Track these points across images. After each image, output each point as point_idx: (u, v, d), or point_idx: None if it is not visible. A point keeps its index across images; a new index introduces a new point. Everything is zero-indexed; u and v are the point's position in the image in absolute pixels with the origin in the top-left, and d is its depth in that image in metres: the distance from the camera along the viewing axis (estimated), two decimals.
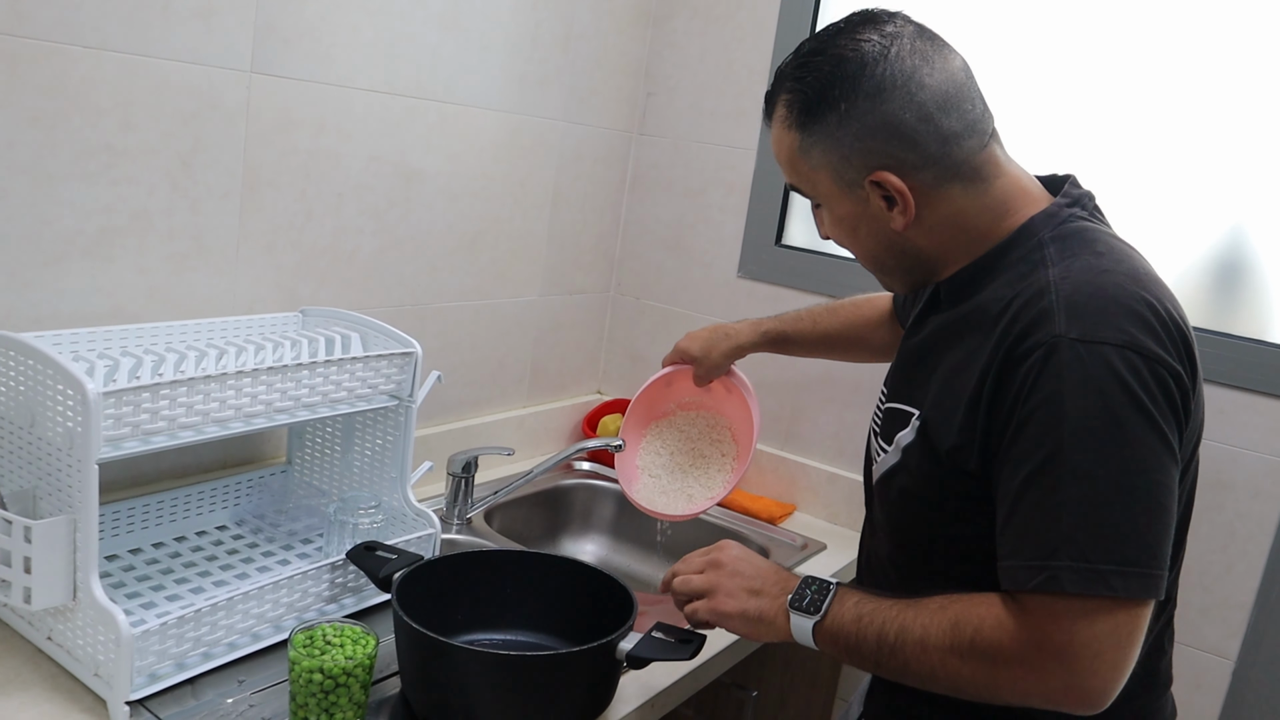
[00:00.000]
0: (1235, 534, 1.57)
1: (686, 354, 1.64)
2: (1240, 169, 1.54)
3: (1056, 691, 0.89)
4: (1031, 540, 0.89)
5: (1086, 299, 0.92)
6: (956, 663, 0.93)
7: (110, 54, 1.21)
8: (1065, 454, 0.88)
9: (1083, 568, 0.86)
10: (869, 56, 0.99)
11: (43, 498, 1.07)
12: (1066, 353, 0.90)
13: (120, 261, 1.28)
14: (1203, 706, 1.61)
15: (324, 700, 0.99)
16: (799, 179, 1.09)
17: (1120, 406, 0.88)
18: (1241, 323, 1.56)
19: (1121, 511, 0.87)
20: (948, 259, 1.07)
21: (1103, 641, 0.87)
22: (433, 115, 1.62)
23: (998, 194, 1.04)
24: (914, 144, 0.99)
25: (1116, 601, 0.87)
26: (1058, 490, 0.88)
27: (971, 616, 0.93)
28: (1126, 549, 0.87)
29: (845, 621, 1.00)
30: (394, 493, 1.39)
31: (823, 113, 1.01)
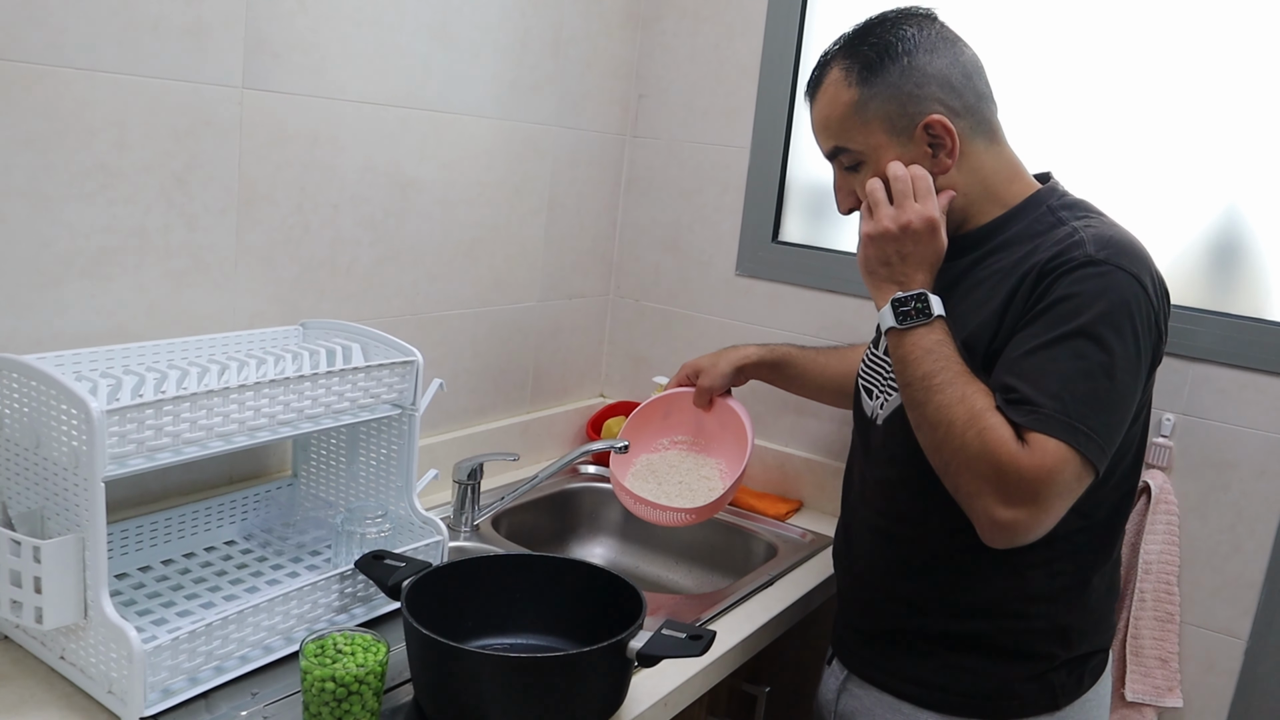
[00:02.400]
0: (1242, 513, 1.57)
1: (692, 369, 1.69)
2: (1234, 149, 1.54)
3: (1014, 515, 1.06)
4: (1034, 382, 1.07)
5: (1110, 239, 1.12)
6: (960, 436, 1.08)
7: (102, 74, 1.21)
8: (1073, 336, 1.07)
9: (1064, 420, 1.05)
10: (923, 25, 1.20)
11: (51, 518, 1.08)
12: (1092, 268, 1.09)
13: (119, 280, 1.29)
14: (1216, 686, 1.60)
15: (337, 709, 0.99)
16: (848, 135, 1.21)
17: (1123, 317, 1.08)
18: (1241, 302, 1.57)
19: (1097, 390, 1.07)
20: (969, 212, 1.23)
21: (1066, 485, 1.06)
22: (425, 124, 1.63)
23: (1008, 159, 1.25)
24: (959, 94, 1.19)
25: (1080, 458, 1.06)
26: (1061, 358, 1.07)
27: (992, 419, 1.07)
28: (1096, 420, 1.06)
29: (918, 345, 1.14)
30: (400, 502, 1.40)
31: (886, 66, 1.18)
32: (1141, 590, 1.59)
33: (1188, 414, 1.59)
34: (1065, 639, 1.21)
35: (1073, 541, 1.18)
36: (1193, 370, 1.58)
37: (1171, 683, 1.60)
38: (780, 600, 1.52)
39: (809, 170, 1.92)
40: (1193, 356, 1.58)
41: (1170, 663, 1.60)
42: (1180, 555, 1.60)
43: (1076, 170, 1.63)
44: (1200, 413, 1.58)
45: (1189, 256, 1.60)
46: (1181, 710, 1.63)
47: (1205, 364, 1.57)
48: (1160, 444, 1.60)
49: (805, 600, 1.56)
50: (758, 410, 2.00)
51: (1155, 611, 1.59)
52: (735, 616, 1.46)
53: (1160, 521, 1.59)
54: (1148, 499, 1.59)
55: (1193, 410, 1.59)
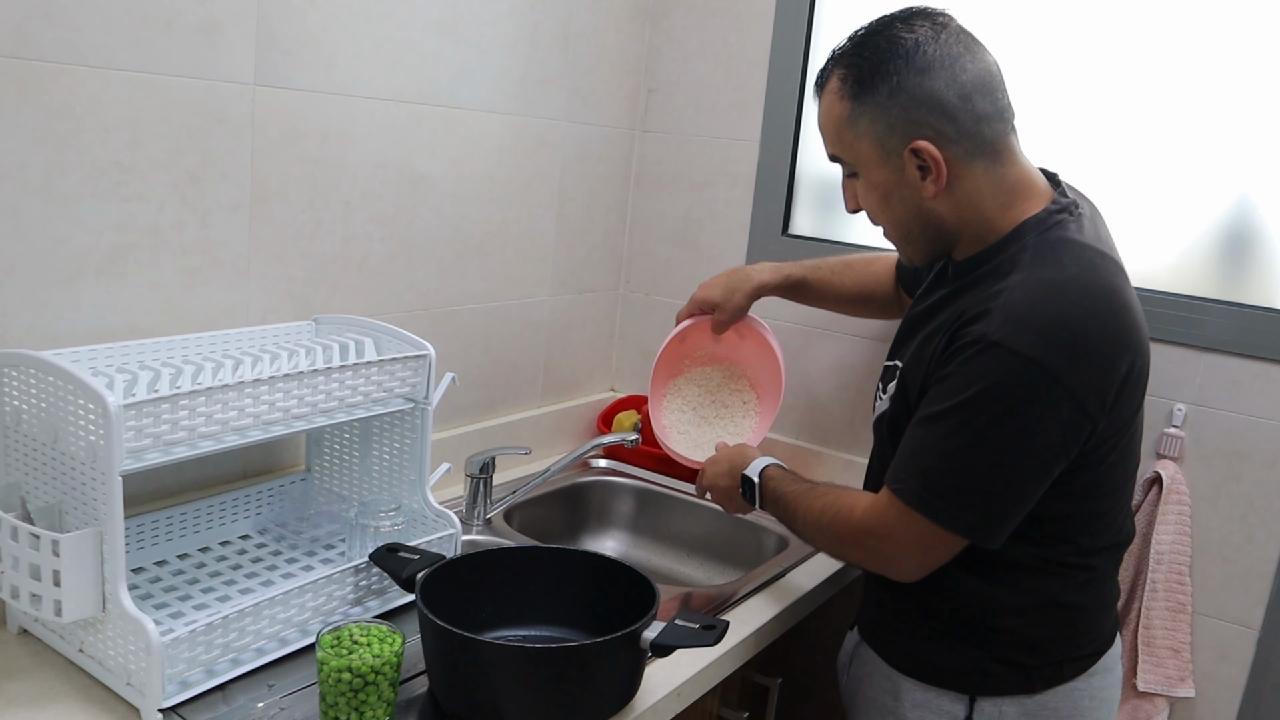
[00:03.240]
0: (1254, 504, 1.57)
1: (707, 302, 1.66)
2: (1246, 138, 1.54)
3: (870, 561, 1.24)
4: (906, 459, 1.17)
5: (1022, 310, 1.10)
6: (820, 533, 1.28)
7: (116, 72, 1.22)
8: (948, 416, 1.12)
9: (921, 493, 1.14)
10: (922, 40, 1.14)
11: (69, 512, 1.09)
12: (983, 350, 1.10)
13: (134, 277, 1.30)
14: (1228, 676, 1.60)
15: (354, 699, 1.00)
16: (842, 147, 1.22)
17: (998, 402, 1.09)
18: (1252, 291, 1.56)
19: (966, 471, 1.12)
20: (963, 235, 1.22)
21: (908, 544, 1.17)
22: (436, 120, 1.63)
23: (1011, 181, 1.19)
24: (952, 119, 1.14)
25: (930, 524, 1.14)
26: (933, 436, 1.14)
27: (832, 505, 1.26)
28: (956, 496, 1.13)
29: (769, 502, 1.38)
30: (414, 495, 1.41)
31: (876, 85, 1.15)
32: (1153, 580, 1.59)
33: (1199, 404, 1.59)
34: (1035, 650, 1.22)
35: (1037, 568, 1.20)
36: (1204, 360, 1.58)
37: (1184, 672, 1.60)
38: (792, 592, 1.53)
39: (819, 163, 1.92)
40: (1204, 346, 1.57)
41: (1182, 652, 1.60)
42: (1192, 545, 1.60)
43: (1090, 161, 1.64)
44: (1212, 403, 1.58)
45: (1201, 246, 1.60)
46: (1194, 700, 1.63)
47: (1217, 354, 1.57)
48: (1172, 434, 1.60)
49: (816, 593, 1.57)
50: None
51: (1167, 601, 1.59)
52: (747, 608, 1.47)
53: (1172, 512, 1.58)
54: (1159, 489, 1.59)
55: (1204, 400, 1.58)
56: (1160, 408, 1.60)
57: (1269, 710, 1.58)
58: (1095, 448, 1.14)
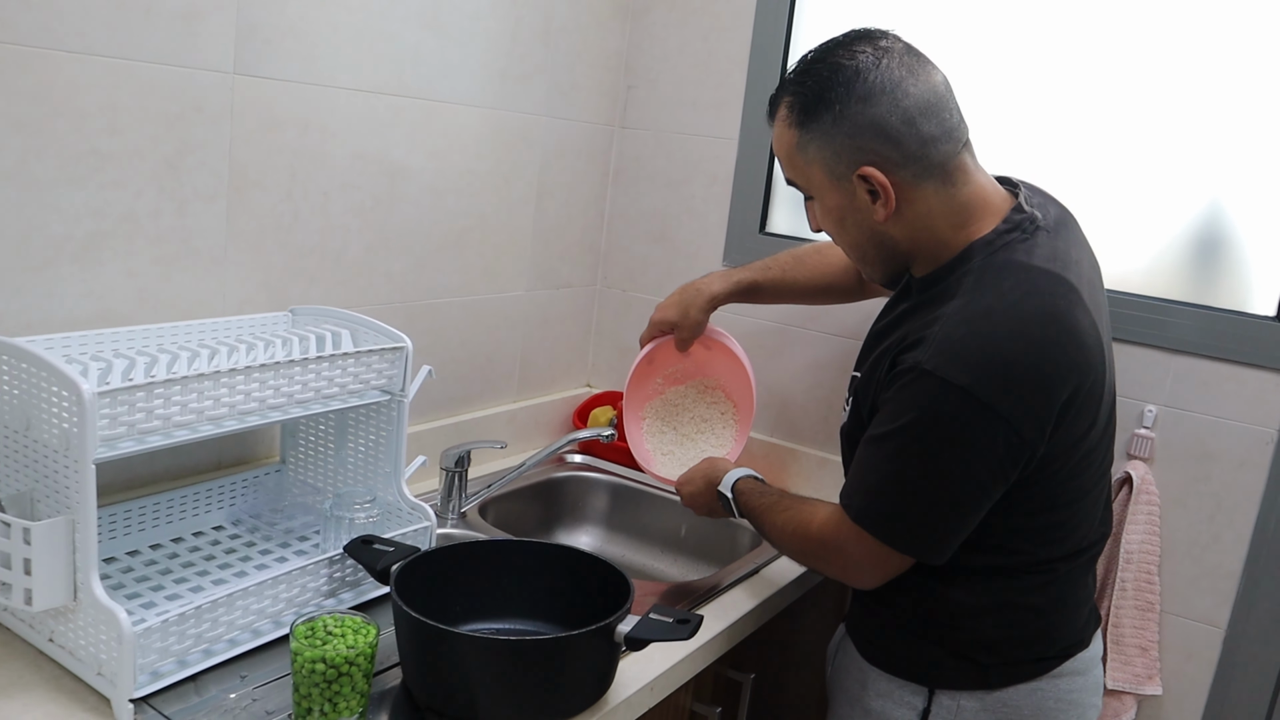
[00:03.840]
0: (1222, 504, 1.59)
1: (665, 323, 1.69)
2: (1217, 144, 1.56)
3: (830, 571, 1.27)
4: (856, 477, 1.21)
5: (956, 340, 1.11)
6: (786, 544, 1.34)
7: (94, 58, 1.21)
8: (888, 440, 1.15)
9: (868, 512, 1.18)
10: (863, 66, 1.14)
11: (41, 500, 1.08)
12: (916, 379, 1.12)
13: (109, 265, 1.29)
14: (1194, 675, 1.63)
15: (327, 690, 1.00)
16: (795, 173, 1.24)
17: (932, 430, 1.12)
18: (1222, 295, 1.59)
19: (907, 494, 1.15)
20: (917, 255, 1.23)
21: (861, 560, 1.21)
22: (416, 112, 1.63)
23: (963, 200, 1.19)
24: (897, 144, 1.14)
25: (878, 542, 1.17)
26: (877, 457, 1.17)
27: (793, 519, 1.31)
28: (899, 517, 1.17)
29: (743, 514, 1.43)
30: (388, 487, 1.40)
31: (819, 113, 1.16)
32: (1122, 580, 1.61)
33: (1170, 406, 1.61)
34: (992, 650, 1.23)
35: (993, 573, 1.21)
36: (1174, 362, 1.60)
37: (1151, 671, 1.62)
38: (765, 588, 1.54)
39: None
40: (1174, 349, 1.59)
41: (1150, 651, 1.62)
42: (1161, 545, 1.62)
43: (1064, 166, 1.65)
44: (1182, 404, 1.60)
45: (1173, 250, 1.62)
46: (1161, 698, 1.65)
47: (1187, 356, 1.59)
48: (1142, 435, 1.62)
49: (790, 589, 1.57)
50: None
51: (1136, 601, 1.61)
52: (721, 603, 1.48)
53: (1142, 512, 1.60)
54: (1130, 490, 1.61)
55: (1175, 402, 1.60)
56: (1131, 409, 1.62)
57: (1234, 708, 1.60)
58: (1045, 465, 1.14)
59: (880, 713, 1.29)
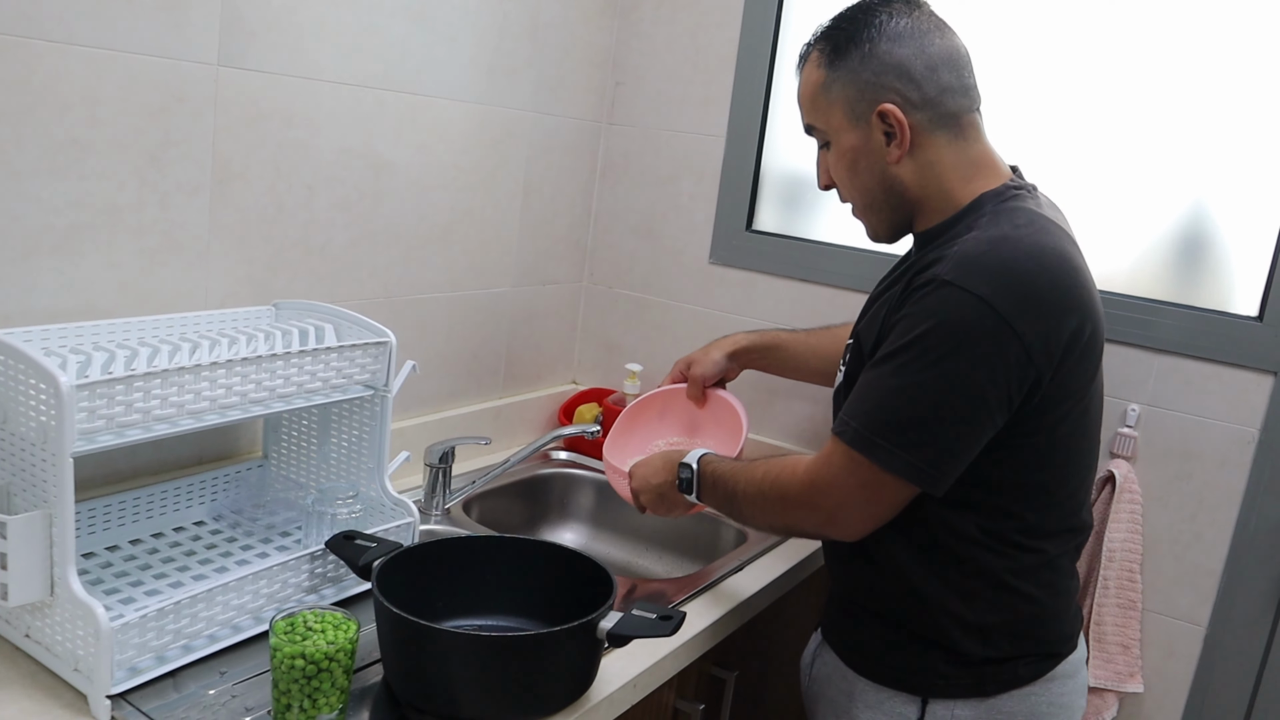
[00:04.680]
0: (1204, 503, 1.59)
1: (686, 359, 1.70)
2: (1201, 145, 1.57)
3: (815, 519, 1.22)
4: (853, 402, 1.18)
5: (974, 256, 1.13)
6: (762, 502, 1.27)
7: (76, 48, 1.20)
8: (897, 355, 1.14)
9: (863, 433, 1.14)
10: (896, 14, 1.22)
11: (17, 494, 1.07)
12: (932, 288, 1.13)
13: (90, 257, 1.28)
14: (1175, 672, 1.63)
15: (307, 686, 0.99)
16: (816, 115, 1.28)
17: (948, 337, 1.11)
18: (1205, 295, 1.59)
19: (910, 408, 1.13)
20: (924, 206, 1.26)
21: (851, 491, 1.17)
22: (401, 107, 1.62)
23: (973, 156, 1.24)
24: (918, 85, 1.20)
25: (873, 467, 1.14)
26: (881, 376, 1.15)
27: (774, 468, 1.26)
28: (898, 434, 1.13)
29: (707, 487, 1.36)
30: (372, 483, 1.40)
31: (849, 51, 1.22)
32: (1105, 577, 1.61)
33: (1153, 405, 1.61)
34: (985, 638, 1.21)
35: (983, 544, 1.20)
36: (1158, 361, 1.60)
37: (1133, 668, 1.63)
38: (749, 585, 1.54)
39: (784, 160, 1.93)
40: (1158, 348, 1.60)
41: (1132, 649, 1.63)
42: (1143, 543, 1.63)
43: (1050, 165, 1.65)
44: (1164, 403, 1.61)
45: (1156, 250, 1.62)
46: (1142, 695, 1.65)
47: (1170, 355, 1.59)
48: (1125, 434, 1.62)
49: (774, 586, 1.57)
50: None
51: (1118, 598, 1.62)
52: (705, 600, 1.47)
53: (1124, 510, 1.61)
54: (1112, 488, 1.61)
55: (1158, 401, 1.61)
56: (1115, 407, 1.62)
57: (1214, 706, 1.61)
58: (1044, 409, 1.14)
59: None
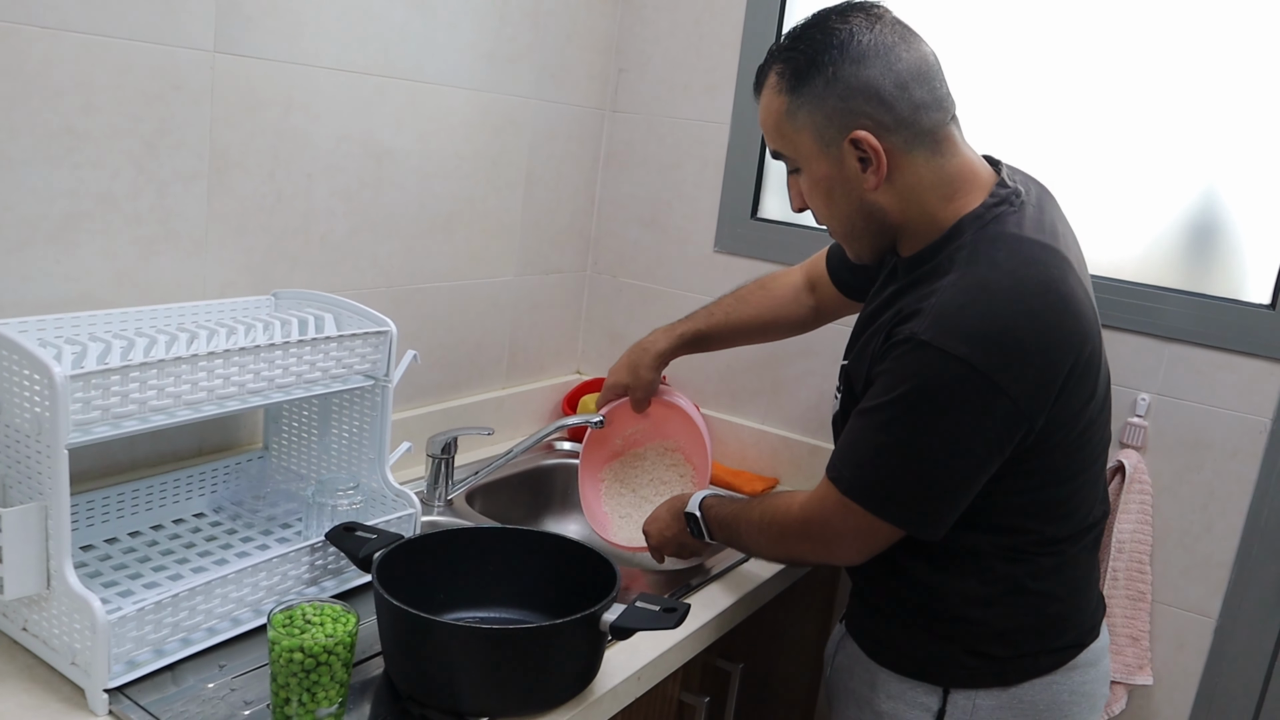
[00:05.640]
0: (1215, 493, 1.58)
1: (617, 386, 1.68)
2: (1213, 131, 1.54)
3: (814, 551, 1.26)
4: (844, 449, 1.19)
5: (953, 311, 1.10)
6: (764, 539, 1.31)
7: (69, 34, 1.18)
8: (881, 411, 1.14)
9: (856, 484, 1.16)
10: (856, 30, 1.14)
11: (12, 486, 1.06)
12: (909, 347, 1.11)
13: (86, 247, 1.26)
14: (1186, 664, 1.62)
15: (305, 680, 0.98)
16: (783, 142, 1.22)
17: (928, 401, 1.10)
18: (1216, 283, 1.57)
19: (899, 466, 1.14)
20: (907, 229, 1.21)
21: (846, 532, 1.19)
22: (402, 94, 1.60)
23: (952, 172, 1.18)
24: (890, 107, 1.13)
25: (867, 515, 1.15)
26: (868, 429, 1.16)
27: (769, 508, 1.30)
28: (891, 489, 1.15)
29: (715, 531, 1.39)
30: (373, 474, 1.38)
31: (812, 77, 1.15)
32: (1114, 569, 1.59)
33: (1163, 394, 1.59)
34: (1006, 641, 1.21)
35: (1001, 556, 1.19)
36: (1168, 350, 1.58)
37: (1142, 660, 1.61)
38: (754, 578, 1.52)
39: None
40: (1168, 336, 1.58)
41: (1141, 641, 1.61)
42: (1153, 534, 1.61)
43: (1059, 152, 1.64)
44: (1175, 393, 1.59)
45: (1167, 237, 1.60)
46: (1151, 688, 1.64)
47: (1180, 344, 1.57)
48: (1135, 424, 1.61)
49: (779, 578, 1.56)
50: (731, 389, 2.00)
51: (1127, 590, 1.60)
52: (709, 592, 1.46)
53: (1134, 501, 1.59)
54: (1122, 478, 1.60)
55: (1168, 390, 1.59)
56: (1124, 397, 1.61)
57: (1224, 698, 1.60)
58: (1045, 438, 1.13)
59: (892, 715, 1.26)
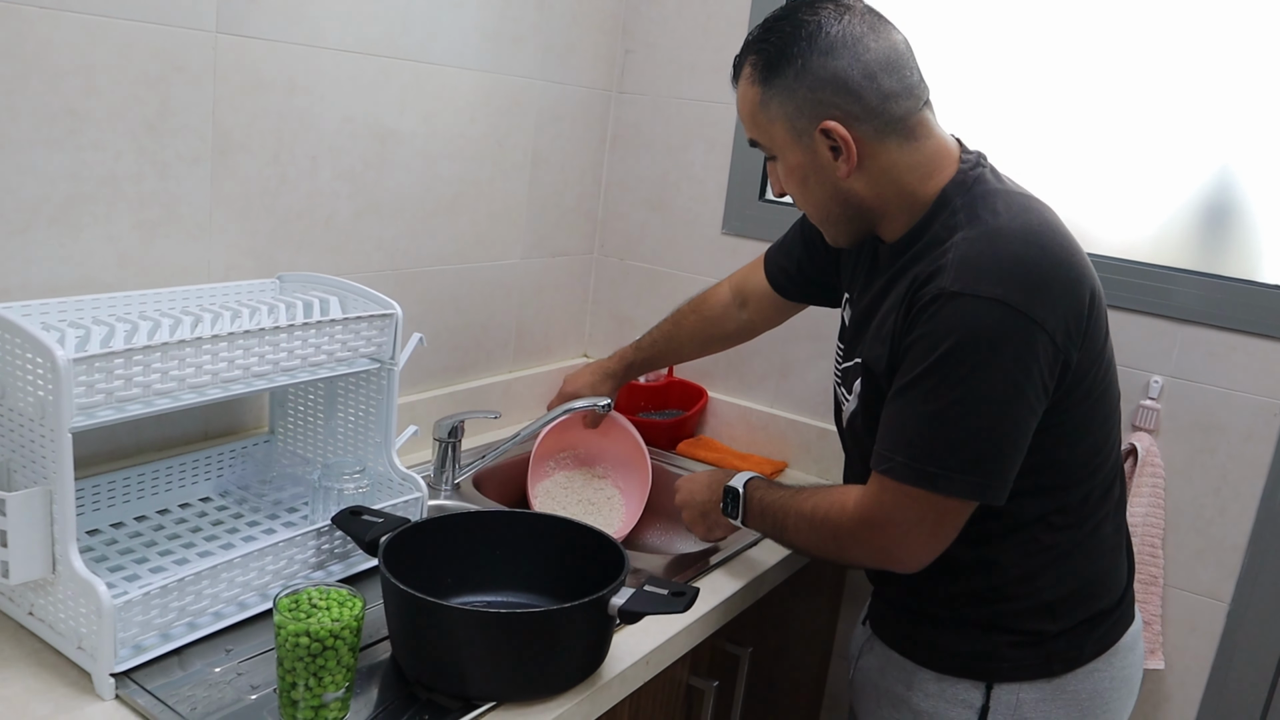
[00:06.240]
0: (1228, 477, 1.56)
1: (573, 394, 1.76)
2: (1227, 110, 1.52)
3: (873, 555, 1.20)
4: (890, 435, 1.14)
5: (974, 258, 1.10)
6: (813, 536, 1.25)
7: (69, 14, 1.17)
8: (924, 378, 1.10)
9: (914, 465, 1.10)
10: (825, 21, 1.15)
11: (17, 470, 1.05)
12: (944, 302, 1.09)
13: (89, 230, 1.25)
14: (1198, 648, 1.61)
15: (312, 664, 0.97)
16: (758, 131, 1.24)
17: (973, 349, 1.07)
18: (1231, 264, 1.55)
19: (955, 429, 1.09)
20: (885, 212, 1.22)
21: (912, 524, 1.13)
22: (406, 75, 1.59)
23: (927, 153, 1.19)
24: (858, 97, 1.15)
25: (932, 496, 1.10)
26: (913, 403, 1.11)
27: (822, 503, 1.24)
28: (951, 458, 1.09)
29: (752, 518, 1.35)
30: (379, 458, 1.37)
31: (782, 68, 1.16)
32: None
33: (1176, 376, 1.58)
34: (1052, 614, 1.20)
35: (1037, 522, 1.19)
36: (1182, 332, 1.56)
37: (1154, 645, 1.60)
38: (763, 562, 1.51)
39: None
40: (1181, 318, 1.56)
41: (1153, 625, 1.60)
42: (1165, 518, 1.60)
43: (1070, 133, 1.62)
44: (1189, 375, 1.57)
45: (1181, 217, 1.58)
46: (1163, 672, 1.63)
47: (1194, 326, 1.56)
48: (1148, 406, 1.59)
49: (787, 562, 1.55)
50: (740, 372, 1.99)
51: (1139, 574, 1.59)
52: (718, 576, 1.45)
53: (1146, 484, 1.58)
54: (1134, 461, 1.58)
55: (1181, 373, 1.57)
56: (1137, 379, 1.59)
57: (1237, 683, 1.59)
58: (1079, 380, 1.13)
59: (933, 714, 1.25)
